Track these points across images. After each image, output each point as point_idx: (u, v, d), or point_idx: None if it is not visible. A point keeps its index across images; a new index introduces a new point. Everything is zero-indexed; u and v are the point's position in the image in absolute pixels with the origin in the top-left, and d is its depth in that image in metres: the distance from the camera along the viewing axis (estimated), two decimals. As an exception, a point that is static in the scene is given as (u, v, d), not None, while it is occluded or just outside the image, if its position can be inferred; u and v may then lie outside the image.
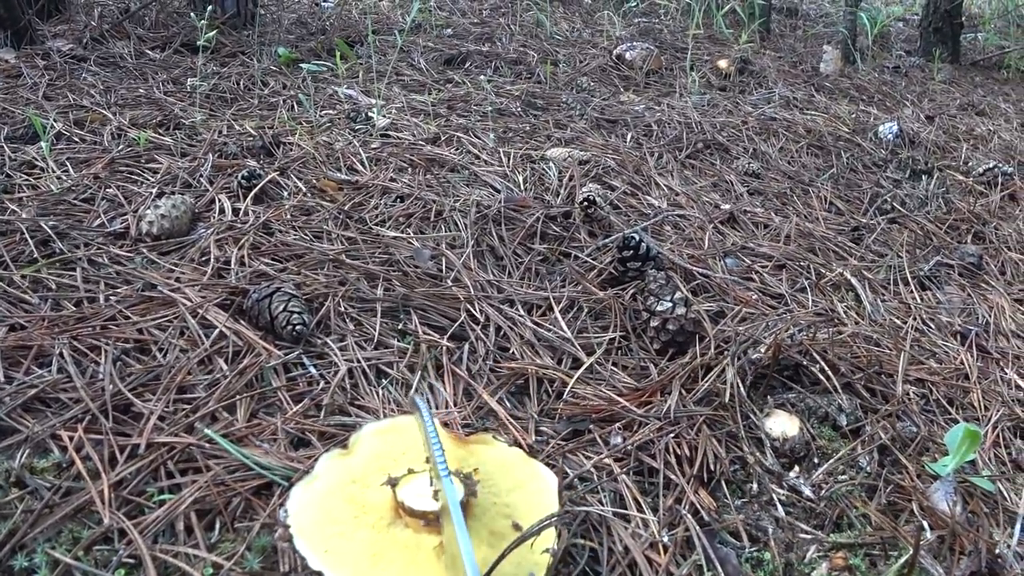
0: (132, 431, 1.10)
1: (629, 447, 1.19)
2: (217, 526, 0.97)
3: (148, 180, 1.94)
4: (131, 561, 0.90)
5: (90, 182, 1.88)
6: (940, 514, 1.20)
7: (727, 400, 1.34)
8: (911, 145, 3.22)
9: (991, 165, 3.07)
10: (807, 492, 1.23)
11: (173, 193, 1.83)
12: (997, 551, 1.13)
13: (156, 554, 0.90)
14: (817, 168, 2.80)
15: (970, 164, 3.17)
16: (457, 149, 2.34)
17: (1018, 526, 1.21)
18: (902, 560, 1.07)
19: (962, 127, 3.72)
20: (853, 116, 3.41)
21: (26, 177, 1.89)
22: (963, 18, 5.43)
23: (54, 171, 1.90)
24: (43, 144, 1.93)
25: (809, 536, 1.12)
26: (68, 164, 1.97)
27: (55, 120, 2.19)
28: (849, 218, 2.46)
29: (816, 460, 1.33)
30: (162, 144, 2.15)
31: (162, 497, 1.00)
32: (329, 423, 1.17)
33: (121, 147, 2.09)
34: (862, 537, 1.14)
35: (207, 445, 1.09)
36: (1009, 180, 3.01)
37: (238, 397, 1.19)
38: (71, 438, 1.07)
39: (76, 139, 2.13)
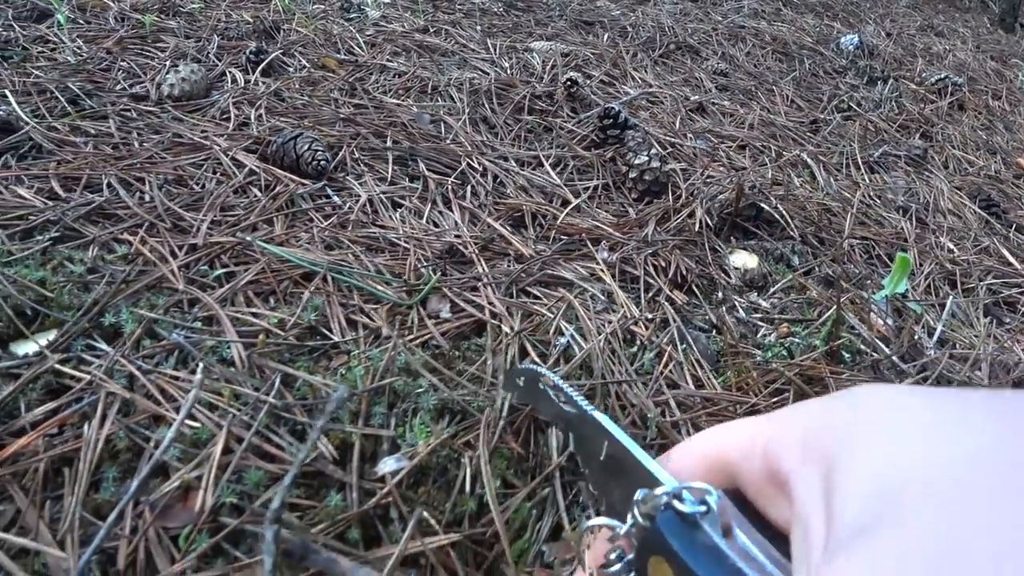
0: (188, 235, 1.27)
1: (614, 260, 1.38)
2: (272, 300, 1.15)
3: (159, 55, 2.06)
4: (206, 316, 1.07)
5: (104, 55, 2.00)
6: (874, 318, 1.42)
7: (695, 233, 1.54)
8: (870, 56, 3.42)
9: (943, 76, 3.28)
10: (764, 304, 1.44)
11: (187, 64, 1.96)
12: (916, 337, 1.36)
13: (228, 312, 1.08)
14: (781, 71, 2.99)
15: (924, 75, 3.37)
16: (446, 39, 2.48)
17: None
18: (831, 320, 1.28)
19: (920, 44, 3.92)
20: (817, 29, 3.59)
21: (42, 50, 2.00)
22: (925, -54, 5.59)
23: (69, 45, 2.02)
24: (59, 16, 2.03)
25: (763, 324, 1.33)
26: (80, 41, 2.08)
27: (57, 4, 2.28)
28: (808, 113, 2.65)
29: (772, 289, 1.54)
30: (166, 27, 2.27)
31: (219, 274, 1.17)
32: (357, 234, 1.34)
33: (127, 29, 2.20)
34: (805, 317, 1.36)
35: (257, 242, 1.26)
36: (959, 90, 3.23)
37: (275, 214, 1.36)
38: (134, 238, 1.23)
39: (81, 22, 2.23)
